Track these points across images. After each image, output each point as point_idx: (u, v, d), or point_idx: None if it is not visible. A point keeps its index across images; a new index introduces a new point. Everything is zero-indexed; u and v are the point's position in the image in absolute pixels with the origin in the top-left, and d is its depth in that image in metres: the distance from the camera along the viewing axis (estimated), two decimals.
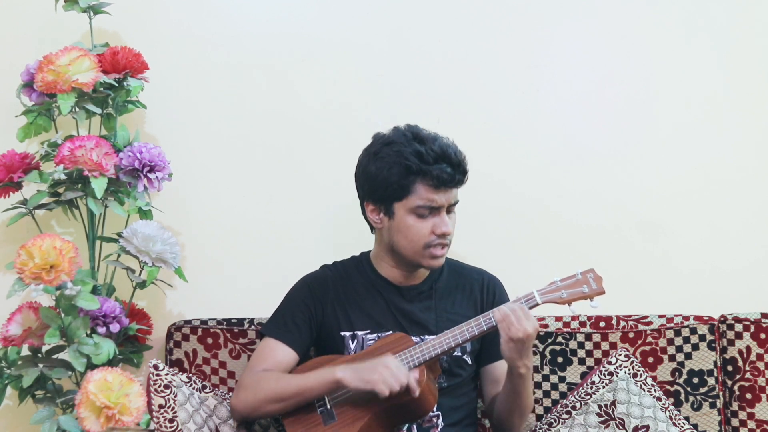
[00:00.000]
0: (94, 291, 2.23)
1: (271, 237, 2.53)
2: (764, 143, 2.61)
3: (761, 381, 2.33)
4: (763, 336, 2.34)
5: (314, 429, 2.01)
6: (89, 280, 2.20)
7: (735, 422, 2.34)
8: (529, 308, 1.98)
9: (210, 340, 2.35)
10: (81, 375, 2.11)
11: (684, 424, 2.24)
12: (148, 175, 2.25)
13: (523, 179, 2.57)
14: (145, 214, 2.30)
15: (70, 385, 2.22)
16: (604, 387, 2.23)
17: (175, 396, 1.97)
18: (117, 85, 2.27)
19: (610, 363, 2.26)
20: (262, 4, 2.59)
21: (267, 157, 2.54)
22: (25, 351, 2.21)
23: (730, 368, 2.36)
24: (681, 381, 2.34)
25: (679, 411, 2.30)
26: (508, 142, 2.58)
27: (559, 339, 2.36)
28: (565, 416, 2.22)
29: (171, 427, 1.94)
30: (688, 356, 2.35)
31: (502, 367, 2.11)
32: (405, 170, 2.01)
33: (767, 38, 2.61)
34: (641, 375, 2.26)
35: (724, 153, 2.60)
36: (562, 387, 2.35)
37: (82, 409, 1.96)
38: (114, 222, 2.34)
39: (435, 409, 2.08)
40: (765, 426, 2.31)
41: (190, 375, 2.11)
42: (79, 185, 2.23)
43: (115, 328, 2.19)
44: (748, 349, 2.35)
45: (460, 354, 2.14)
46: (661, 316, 2.38)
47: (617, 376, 2.24)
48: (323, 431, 2.01)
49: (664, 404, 2.24)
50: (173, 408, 1.95)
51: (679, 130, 2.59)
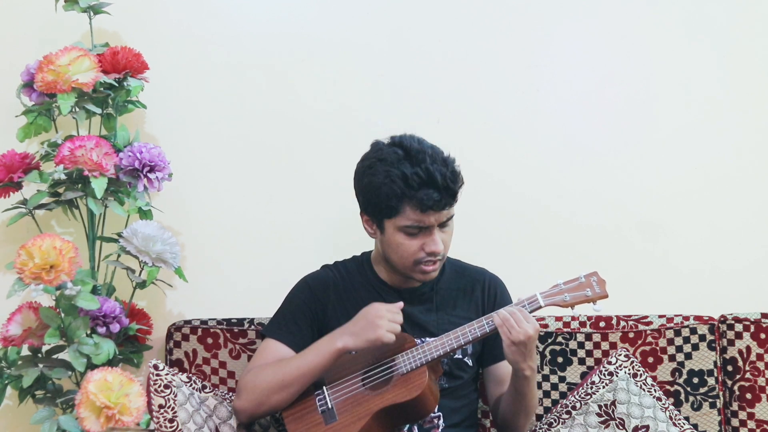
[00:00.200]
0: (94, 291, 2.23)
1: (271, 237, 2.53)
2: (764, 143, 2.61)
3: (761, 381, 2.33)
4: (763, 336, 2.34)
5: (315, 428, 2.01)
6: (89, 280, 2.20)
7: (735, 422, 2.34)
8: (532, 311, 1.98)
9: (210, 340, 2.35)
10: (81, 375, 2.11)
11: (684, 424, 2.24)
12: (148, 175, 2.25)
13: (523, 179, 2.57)
14: (145, 214, 2.30)
15: (70, 385, 2.22)
16: (604, 387, 2.23)
17: (175, 396, 1.97)
18: (117, 85, 2.27)
19: (610, 363, 2.26)
20: (262, 4, 2.59)
21: (267, 157, 2.54)
22: (25, 351, 2.21)
23: (730, 368, 2.36)
24: (681, 381, 2.34)
25: (679, 411, 2.30)
26: (508, 142, 2.58)
27: (559, 339, 2.36)
28: (565, 416, 2.22)
29: (171, 427, 1.93)
30: (688, 356, 2.35)
31: (506, 368, 2.11)
32: (391, 192, 1.97)
33: (767, 38, 2.61)
34: (641, 375, 2.26)
35: (724, 153, 2.60)
36: (562, 387, 2.35)
37: (82, 409, 1.96)
38: (114, 222, 2.34)
39: (436, 410, 2.08)
40: (765, 426, 2.31)
41: (190, 375, 2.11)
42: (79, 185, 2.23)
43: (115, 328, 2.19)
44: (748, 349, 2.35)
45: (461, 356, 2.14)
46: (661, 316, 2.38)
47: (617, 376, 2.24)
48: (324, 430, 2.00)
49: (664, 404, 2.24)
50: (173, 408, 1.95)
51: (679, 130, 2.59)
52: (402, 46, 2.57)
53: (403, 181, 1.96)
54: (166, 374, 1.99)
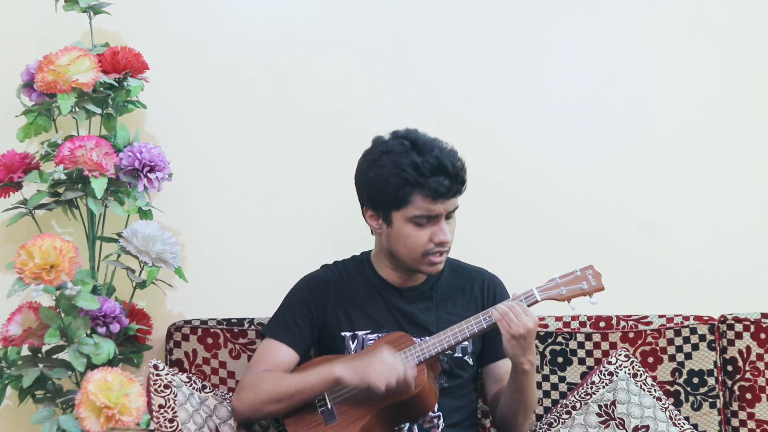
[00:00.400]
0: (94, 291, 2.23)
1: (271, 237, 2.53)
2: (764, 143, 2.61)
3: (761, 381, 2.33)
4: (763, 336, 2.34)
5: (315, 429, 2.01)
6: (89, 280, 2.20)
7: (735, 422, 2.34)
8: (528, 305, 1.98)
9: (210, 340, 2.35)
10: (81, 375, 2.11)
11: (684, 424, 2.24)
12: (148, 175, 2.24)
13: (523, 179, 2.57)
14: (145, 214, 2.30)
15: (70, 385, 2.22)
16: (604, 387, 2.23)
17: (175, 396, 1.97)
18: (117, 85, 2.27)
19: (610, 363, 2.26)
20: (262, 4, 2.59)
21: (267, 157, 2.54)
22: (25, 351, 2.21)
23: (730, 368, 2.36)
24: (681, 381, 2.34)
25: (679, 411, 2.30)
26: (508, 142, 2.58)
27: (559, 339, 2.36)
28: (565, 416, 2.22)
29: (171, 427, 1.93)
30: (688, 356, 2.35)
31: (505, 366, 2.11)
32: (402, 182, 1.99)
33: (767, 38, 2.61)
34: (641, 375, 2.26)
35: (724, 153, 2.60)
36: (562, 387, 2.35)
37: (82, 409, 1.96)
38: (114, 222, 2.34)
39: (436, 409, 2.08)
40: (765, 426, 2.31)
41: (190, 375, 2.11)
42: (79, 185, 2.23)
43: (115, 328, 2.19)
44: (748, 349, 2.35)
45: (461, 355, 2.14)
46: (661, 316, 2.38)
47: (617, 376, 2.23)
48: (324, 431, 2.01)
49: (664, 404, 2.24)
50: (173, 408, 1.95)
51: (679, 130, 2.59)
52: (402, 46, 2.57)
53: (413, 170, 1.98)
54: (166, 374, 1.99)
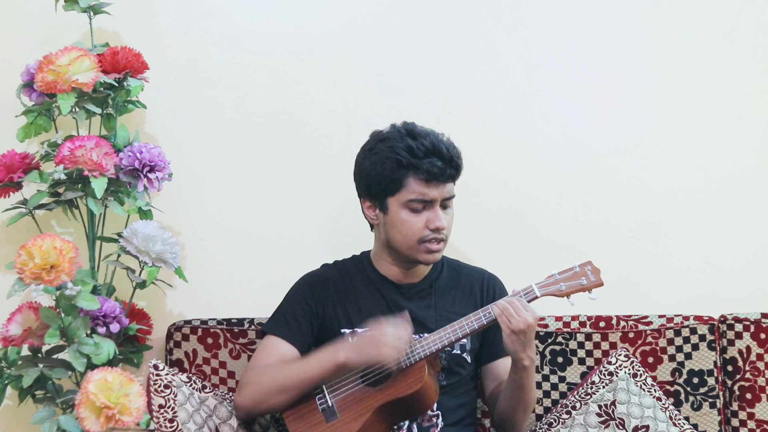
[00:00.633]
0: (94, 291, 2.23)
1: (271, 237, 2.53)
2: (764, 143, 2.61)
3: (761, 381, 2.33)
4: (763, 336, 2.34)
5: (316, 426, 2.01)
6: (89, 280, 2.20)
7: (735, 422, 2.34)
8: (528, 301, 1.99)
9: (210, 340, 2.35)
10: (81, 375, 2.11)
11: (684, 424, 2.24)
12: (148, 175, 2.25)
13: (523, 179, 2.57)
14: (145, 214, 2.30)
15: (70, 385, 2.22)
16: (604, 387, 2.23)
17: (175, 396, 1.97)
18: (117, 85, 2.27)
19: (610, 363, 2.26)
20: (262, 4, 2.59)
21: (267, 157, 2.54)
22: (25, 351, 2.21)
23: (730, 368, 2.36)
24: (681, 381, 2.34)
25: (679, 411, 2.30)
26: (508, 142, 2.58)
27: (559, 339, 2.36)
28: (565, 416, 2.22)
29: (171, 427, 1.93)
30: (688, 356, 2.35)
31: (504, 365, 2.11)
32: (396, 164, 2.02)
33: (767, 38, 2.61)
34: (641, 375, 2.26)
35: (724, 153, 2.60)
36: (562, 387, 2.35)
37: (82, 409, 1.96)
38: (114, 222, 2.34)
39: (435, 408, 2.09)
40: (765, 426, 2.31)
41: (190, 375, 2.11)
42: (79, 185, 2.23)
43: (115, 328, 2.19)
44: (748, 349, 2.35)
45: (460, 352, 2.14)
46: (661, 316, 2.38)
47: (617, 376, 2.24)
48: (325, 428, 2.00)
49: (664, 404, 2.24)
50: (173, 408, 1.95)
51: (679, 130, 2.59)
52: (402, 46, 2.57)
53: (408, 152, 2.01)
54: (166, 374, 1.99)
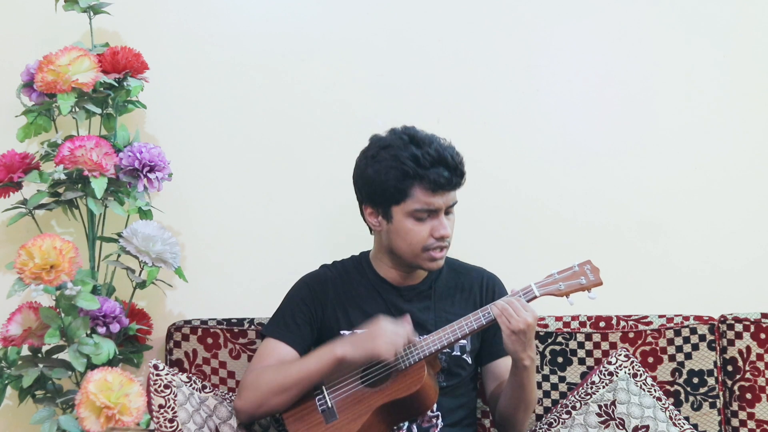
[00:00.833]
0: (94, 291, 2.23)
1: (271, 237, 2.53)
2: (764, 143, 2.61)
3: (761, 381, 2.33)
4: (763, 336, 2.34)
5: (316, 427, 2.01)
6: (89, 280, 2.20)
7: (735, 422, 2.34)
8: (527, 301, 1.99)
9: (210, 340, 2.35)
10: (81, 375, 2.11)
11: (684, 424, 2.24)
12: (148, 175, 2.25)
13: (522, 179, 2.57)
14: (145, 214, 2.30)
15: (70, 385, 2.22)
16: (604, 387, 2.23)
17: (175, 396, 1.97)
18: (117, 85, 2.27)
19: (610, 363, 2.26)
20: (262, 4, 2.59)
21: (267, 157, 2.54)
22: (25, 351, 2.21)
23: (730, 368, 2.36)
24: (681, 381, 2.34)
25: (679, 411, 2.30)
26: (508, 142, 2.58)
27: (559, 339, 2.36)
28: (565, 416, 2.22)
29: (171, 427, 1.93)
30: (688, 356, 2.35)
31: (504, 365, 2.11)
32: (402, 174, 2.00)
33: (767, 38, 2.61)
34: (641, 375, 2.26)
35: (724, 153, 2.60)
36: (562, 387, 2.35)
37: (82, 409, 1.96)
38: (114, 222, 2.34)
39: (435, 409, 2.08)
40: (765, 426, 2.31)
41: (190, 375, 2.11)
42: (79, 185, 2.23)
43: (115, 328, 2.19)
44: (748, 349, 2.35)
45: (460, 354, 2.14)
46: (661, 316, 2.38)
47: (617, 376, 2.23)
48: (325, 429, 2.00)
49: (664, 404, 2.24)
50: (173, 408, 1.95)
51: (678, 130, 2.59)
52: (402, 46, 2.57)
53: (413, 162, 1.99)
54: (166, 374, 1.99)
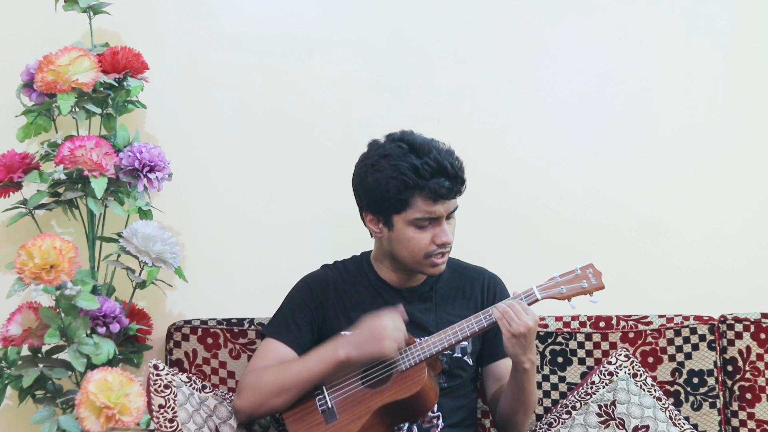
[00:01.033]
0: (94, 291, 2.23)
1: (271, 237, 2.53)
2: (764, 143, 2.61)
3: (761, 381, 2.33)
4: (763, 336, 2.34)
5: (316, 428, 2.01)
6: (89, 280, 2.20)
7: (735, 422, 2.34)
8: (528, 304, 1.98)
9: (210, 340, 2.35)
10: (81, 375, 2.11)
11: (684, 424, 2.24)
12: (148, 175, 2.25)
13: (523, 179, 2.57)
14: (145, 214, 2.30)
15: (70, 385, 2.22)
16: (604, 387, 2.23)
17: (175, 396, 1.97)
18: (117, 85, 2.27)
19: (610, 363, 2.26)
20: (262, 4, 2.59)
21: (267, 157, 2.54)
22: (25, 351, 2.21)
23: (730, 368, 2.36)
24: (681, 381, 2.34)
25: (679, 411, 2.30)
26: (508, 142, 2.58)
27: (559, 339, 2.36)
28: (565, 416, 2.22)
29: (171, 427, 1.93)
30: (688, 356, 2.35)
31: (505, 366, 2.11)
32: (402, 185, 1.99)
33: (767, 38, 2.61)
34: (641, 375, 2.26)
35: (724, 153, 2.60)
36: (562, 387, 2.35)
37: (82, 409, 1.96)
38: (114, 222, 2.34)
39: (435, 409, 2.08)
40: (765, 426, 2.31)
41: (190, 375, 2.11)
42: (79, 185, 2.23)
43: (115, 328, 2.19)
44: (748, 349, 2.35)
45: (461, 355, 2.14)
46: (661, 316, 2.38)
47: (617, 376, 2.23)
48: (325, 429, 2.00)
49: (664, 404, 2.24)
50: (173, 408, 1.95)
51: (679, 130, 2.59)
52: (402, 46, 2.57)
53: (413, 172, 1.98)
54: (166, 374, 1.99)
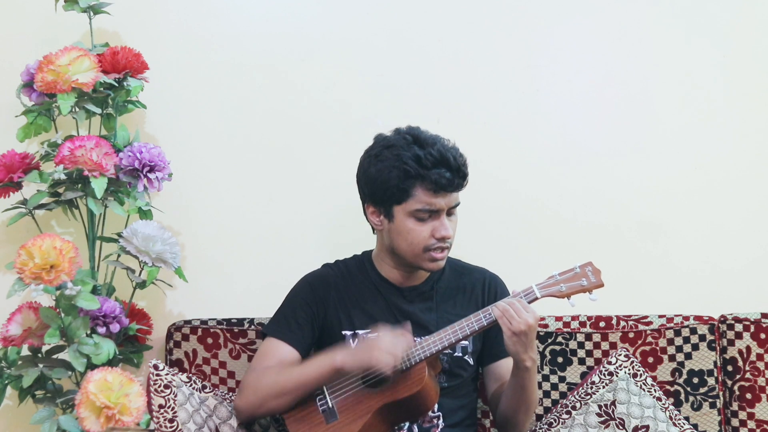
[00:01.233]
0: (94, 291, 2.23)
1: (271, 237, 2.53)
2: (764, 143, 2.61)
3: (761, 381, 2.33)
4: (763, 336, 2.34)
5: (317, 428, 2.01)
6: (89, 280, 2.20)
7: (735, 422, 2.34)
8: (528, 302, 1.99)
9: (210, 340, 2.35)
10: (81, 375, 2.11)
11: (684, 424, 2.24)
12: (148, 175, 2.25)
13: (523, 179, 2.57)
14: (145, 214, 2.30)
15: (70, 385, 2.22)
16: (604, 387, 2.23)
17: (175, 396, 1.97)
18: (117, 85, 2.28)
19: (610, 363, 2.26)
20: (262, 4, 2.59)
21: (267, 157, 2.54)
22: (25, 351, 2.21)
23: (730, 368, 2.36)
24: (681, 381, 2.34)
25: (679, 411, 2.30)
26: (508, 142, 2.58)
27: (559, 339, 2.36)
28: (565, 416, 2.22)
29: (171, 427, 1.93)
30: (688, 356, 2.35)
31: (506, 365, 2.11)
32: (404, 174, 2.00)
33: (767, 38, 2.61)
34: (641, 375, 2.26)
35: (724, 153, 2.60)
36: (562, 387, 2.35)
37: (82, 409, 1.96)
38: (114, 222, 2.34)
39: (436, 409, 2.09)
40: (765, 426, 2.31)
41: (190, 375, 2.11)
42: (79, 185, 2.23)
43: (115, 328, 2.19)
44: (748, 349, 2.35)
45: (461, 355, 2.14)
46: (661, 316, 2.38)
47: (617, 376, 2.23)
48: (325, 429, 2.01)
49: (664, 404, 2.24)
50: (173, 408, 1.95)
51: (679, 130, 2.59)
52: (402, 46, 2.57)
53: (416, 162, 1.99)
54: (166, 374, 1.99)
